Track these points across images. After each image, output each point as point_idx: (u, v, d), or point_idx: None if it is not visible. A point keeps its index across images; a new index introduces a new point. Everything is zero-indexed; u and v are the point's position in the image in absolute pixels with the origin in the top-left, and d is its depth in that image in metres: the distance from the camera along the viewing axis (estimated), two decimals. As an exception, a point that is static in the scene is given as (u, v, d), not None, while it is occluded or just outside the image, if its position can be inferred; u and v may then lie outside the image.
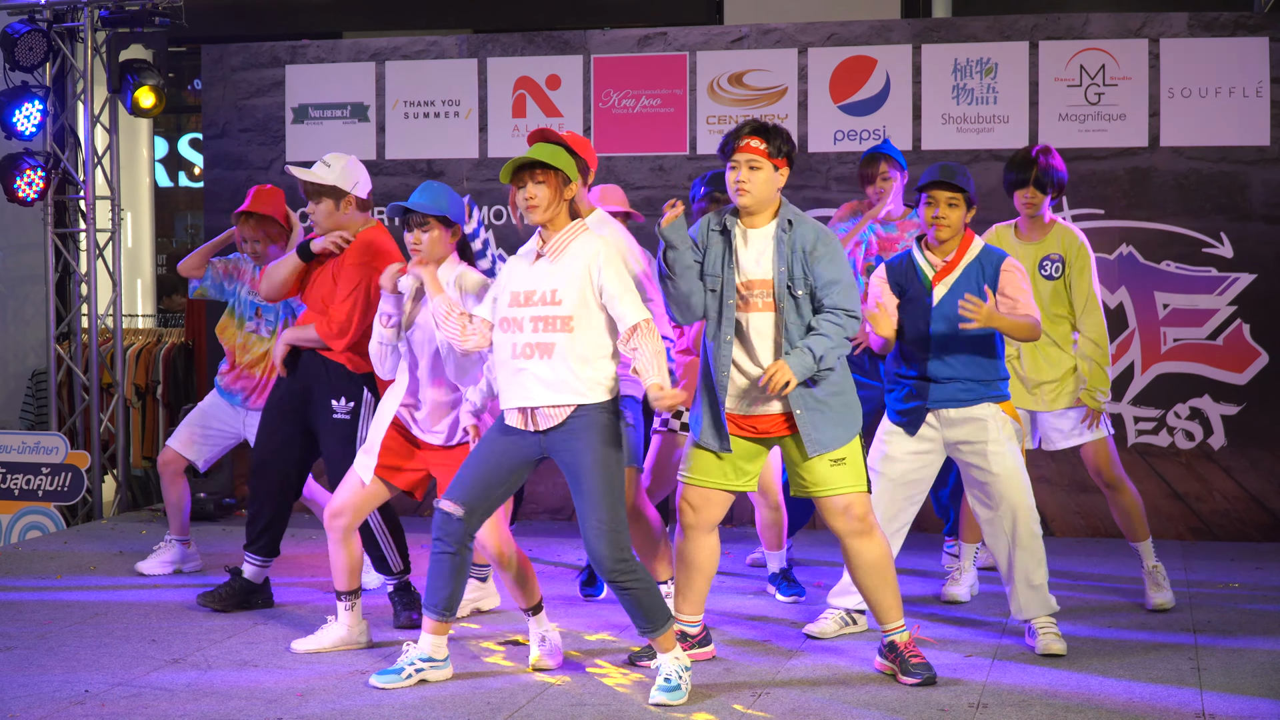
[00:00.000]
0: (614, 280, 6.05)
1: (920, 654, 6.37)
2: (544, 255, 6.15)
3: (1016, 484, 6.76)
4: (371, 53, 10.38)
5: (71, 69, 11.13)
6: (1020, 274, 6.79)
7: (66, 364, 11.15)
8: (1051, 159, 7.54)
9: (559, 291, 6.06)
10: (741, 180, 6.35)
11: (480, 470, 6.21)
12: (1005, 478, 6.74)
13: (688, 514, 6.54)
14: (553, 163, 6.06)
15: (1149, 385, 9.40)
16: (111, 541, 9.61)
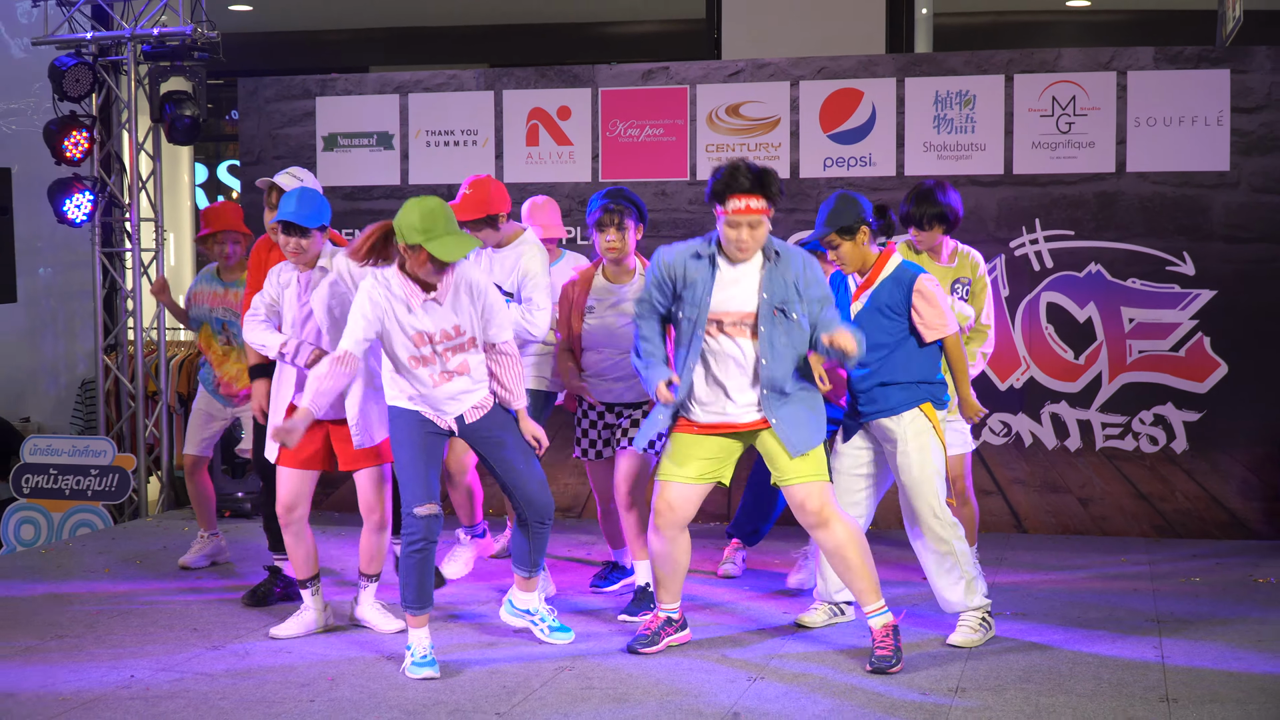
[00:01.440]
0: (493, 304, 6.52)
1: (888, 643, 6.34)
2: (435, 299, 6.39)
3: (919, 490, 6.65)
4: (396, 85, 10.40)
5: (116, 99, 11.18)
6: (927, 297, 6.66)
7: (114, 373, 11.17)
8: (948, 196, 7.55)
9: (460, 325, 6.43)
10: (744, 240, 6.36)
11: (426, 466, 6.42)
12: (909, 485, 6.68)
13: (665, 514, 6.55)
14: (456, 259, 6.30)
15: (1116, 394, 9.40)
16: (155, 538, 9.63)
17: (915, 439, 6.66)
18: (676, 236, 9.66)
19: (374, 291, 6.34)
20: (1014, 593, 7.73)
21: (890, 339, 6.69)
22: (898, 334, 6.70)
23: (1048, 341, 9.46)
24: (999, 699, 5.96)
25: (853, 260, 6.76)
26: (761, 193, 6.32)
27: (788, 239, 9.53)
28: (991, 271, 9.47)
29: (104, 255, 11.12)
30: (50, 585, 8.16)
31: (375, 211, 10.32)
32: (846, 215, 6.71)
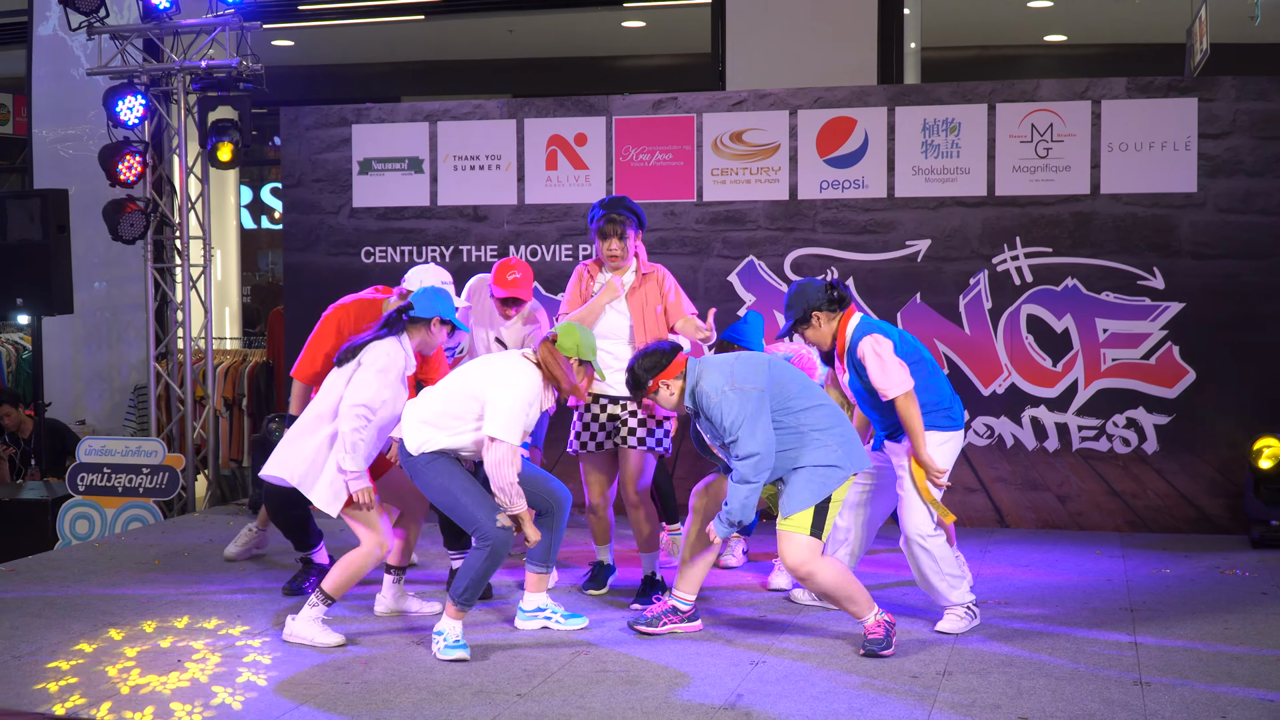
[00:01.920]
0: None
1: (879, 630, 6.31)
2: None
3: (908, 504, 6.68)
4: (426, 114, 10.38)
5: (167, 126, 11.19)
6: (867, 361, 6.62)
7: (165, 380, 11.18)
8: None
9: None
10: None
11: (481, 490, 6.44)
12: (903, 498, 6.72)
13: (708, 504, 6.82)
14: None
15: (1091, 398, 9.35)
16: (202, 531, 9.61)
17: (911, 460, 6.68)
18: (685, 253, 9.69)
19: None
20: (997, 583, 7.69)
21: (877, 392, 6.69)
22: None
23: (1028, 350, 9.42)
24: (983, 681, 5.92)
25: (820, 341, 6.80)
26: (635, 391, 6.52)
27: (787, 256, 9.55)
28: (975, 285, 9.44)
29: (155, 270, 11.13)
30: (103, 576, 8.14)
31: (407, 230, 10.31)
32: (797, 308, 6.76)
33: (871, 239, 9.65)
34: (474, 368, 6.57)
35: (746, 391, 6.28)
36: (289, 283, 10.73)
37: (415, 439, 6.44)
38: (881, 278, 9.62)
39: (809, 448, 6.33)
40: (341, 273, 10.42)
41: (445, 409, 6.43)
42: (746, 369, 6.37)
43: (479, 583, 6.38)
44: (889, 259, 9.62)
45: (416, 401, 6.52)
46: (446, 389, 6.50)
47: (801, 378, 6.47)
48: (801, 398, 6.37)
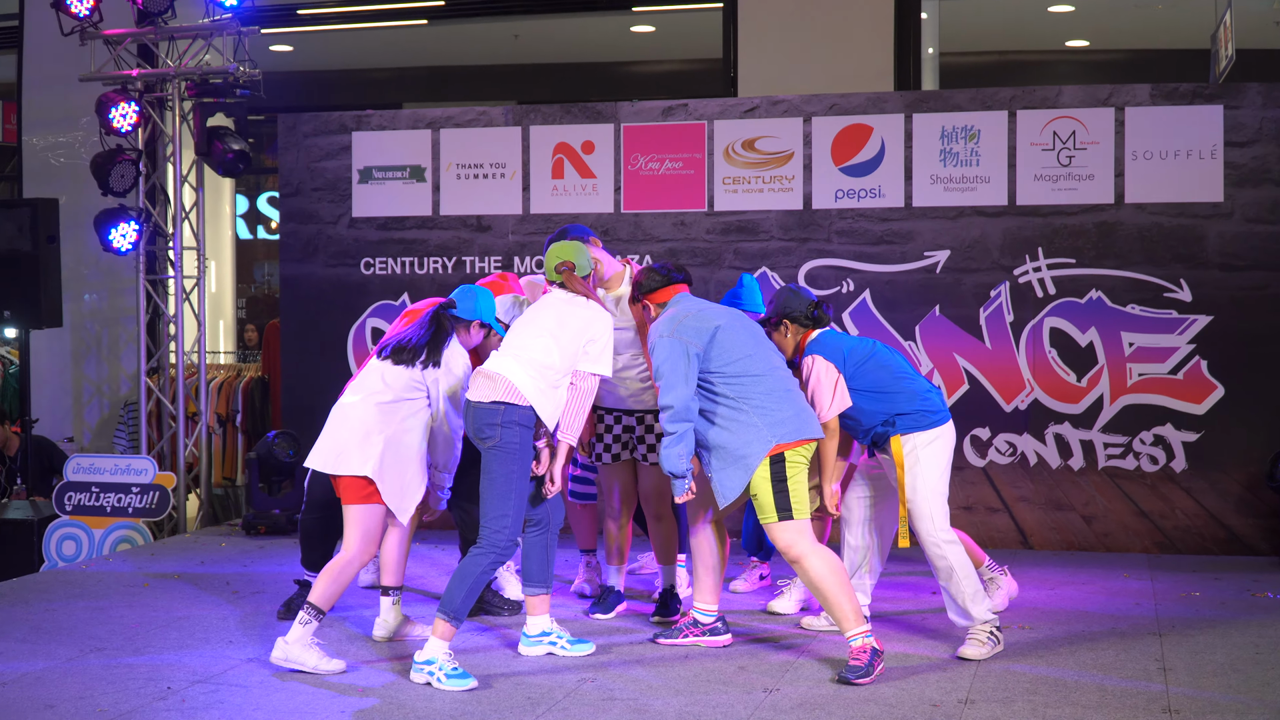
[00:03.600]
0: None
1: (863, 657, 6.23)
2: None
3: (911, 511, 6.73)
4: (428, 121, 10.34)
5: (161, 134, 11.15)
6: (809, 379, 6.78)
7: (156, 395, 11.13)
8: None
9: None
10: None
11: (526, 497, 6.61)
12: (906, 505, 6.77)
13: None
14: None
15: (1117, 415, 9.28)
16: (194, 553, 9.54)
17: (903, 466, 6.71)
18: (695, 264, 9.63)
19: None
20: (1021, 607, 7.61)
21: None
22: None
23: (1051, 365, 9.35)
24: (1007, 710, 5.83)
25: (783, 348, 6.93)
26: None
27: (801, 267, 9.50)
28: (996, 298, 9.38)
29: (148, 282, 11.08)
30: (91, 599, 8.06)
31: (408, 240, 10.26)
32: (773, 309, 6.97)
33: (888, 250, 9.59)
34: (549, 322, 6.64)
35: (679, 343, 6.48)
36: (286, 295, 10.68)
37: (548, 406, 6.49)
38: (899, 290, 9.56)
39: (728, 421, 6.46)
40: (340, 284, 10.37)
41: (558, 365, 6.54)
42: (695, 324, 6.56)
43: (476, 591, 6.32)
44: (907, 270, 9.56)
45: (524, 367, 6.48)
46: (550, 343, 6.56)
47: (753, 348, 6.57)
48: (739, 365, 6.49)
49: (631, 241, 9.86)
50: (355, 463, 6.54)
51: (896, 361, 6.87)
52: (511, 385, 6.40)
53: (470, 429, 6.47)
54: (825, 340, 6.85)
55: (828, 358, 6.76)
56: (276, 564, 9.01)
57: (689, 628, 6.86)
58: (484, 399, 6.40)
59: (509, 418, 6.37)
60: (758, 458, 6.39)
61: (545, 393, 6.47)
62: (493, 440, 6.37)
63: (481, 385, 6.45)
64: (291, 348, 10.61)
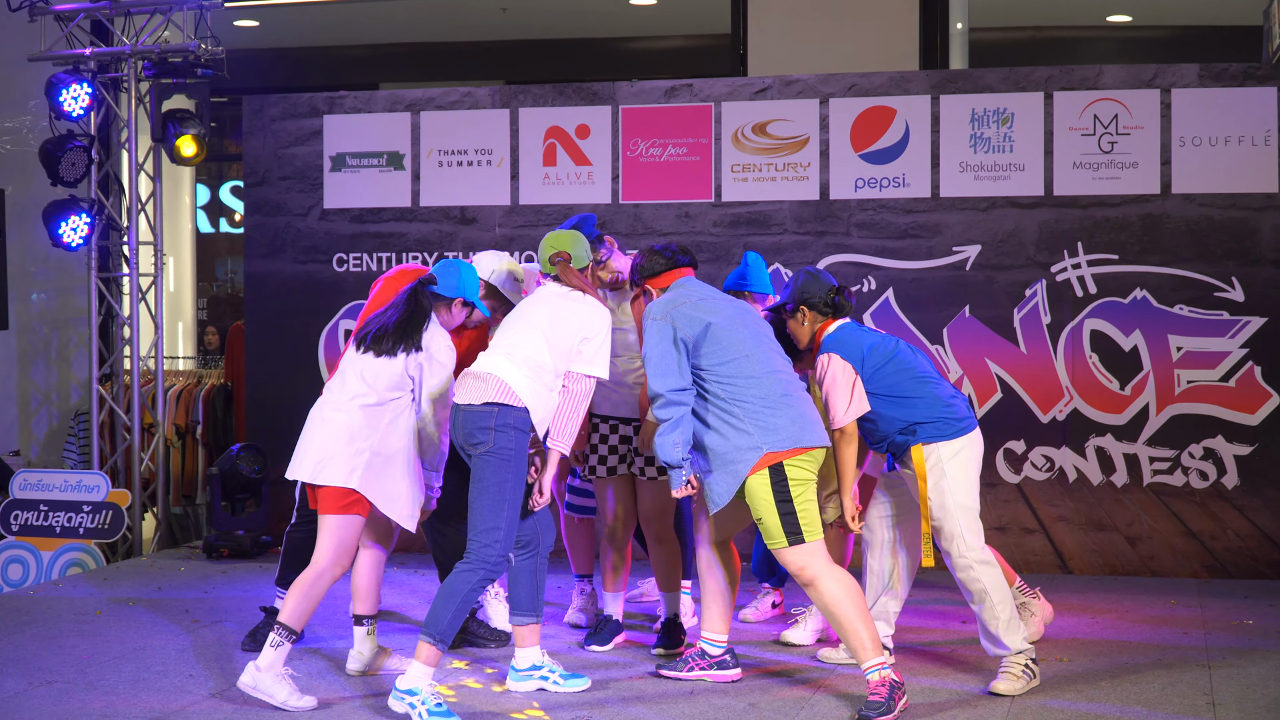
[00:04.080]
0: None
1: (882, 691, 6.22)
2: None
3: (939, 526, 6.75)
4: (407, 103, 10.36)
5: (116, 118, 11.15)
6: (822, 381, 6.81)
7: (109, 404, 11.13)
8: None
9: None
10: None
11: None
12: (933, 521, 6.81)
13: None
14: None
15: (1163, 426, 9.31)
16: (150, 578, 9.56)
17: (925, 479, 6.70)
18: (701, 260, 9.63)
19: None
20: (1058, 637, 7.63)
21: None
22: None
23: (1092, 371, 9.37)
24: (1044, 751, 5.85)
25: (799, 337, 6.98)
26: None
27: (818, 263, 9.51)
28: (1032, 297, 9.40)
29: (100, 280, 11.08)
30: (39, 628, 8.07)
31: (384, 235, 10.28)
32: (790, 295, 6.98)
33: (913, 244, 9.61)
34: (540, 319, 6.66)
35: (669, 328, 6.51)
36: (251, 294, 10.70)
37: (542, 409, 6.52)
38: (925, 288, 9.58)
39: (719, 424, 6.46)
40: (310, 282, 10.39)
41: (551, 365, 6.57)
42: (690, 312, 6.55)
43: (464, 611, 6.31)
44: (933, 267, 9.59)
45: (517, 366, 6.51)
46: (541, 342, 6.58)
47: (753, 347, 6.54)
48: (735, 365, 6.47)
49: (630, 235, 9.87)
50: (338, 472, 6.54)
51: (920, 363, 6.87)
52: (505, 385, 6.41)
53: (458, 435, 6.46)
54: (843, 336, 6.85)
55: (845, 356, 6.76)
56: (240, 589, 9.02)
57: (695, 659, 6.84)
58: (474, 401, 6.40)
59: (503, 420, 6.37)
60: (747, 465, 6.37)
61: (540, 395, 6.49)
62: (485, 445, 6.37)
63: (471, 387, 6.45)
64: (257, 352, 10.63)
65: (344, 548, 6.57)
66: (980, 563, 6.64)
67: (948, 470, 6.68)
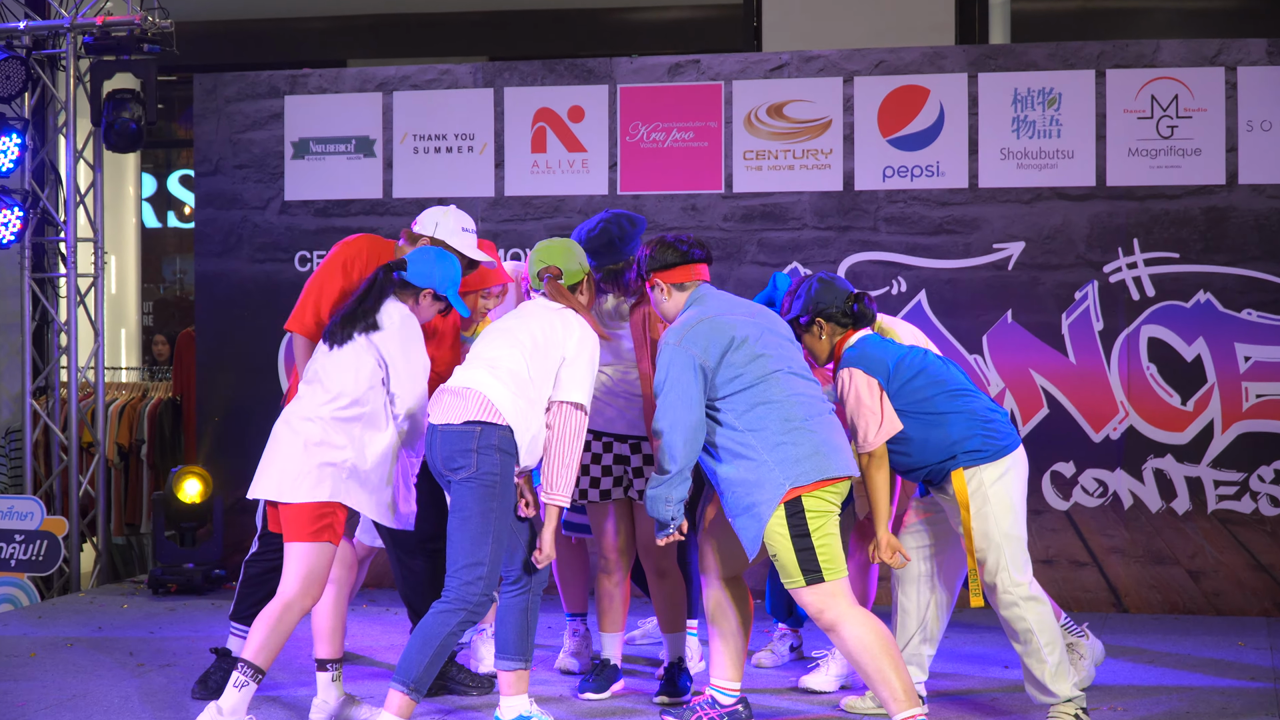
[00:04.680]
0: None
1: None
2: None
3: (981, 558, 6.74)
4: (378, 82, 10.38)
5: (52, 100, 11.16)
6: (844, 392, 6.78)
7: (44, 421, 11.13)
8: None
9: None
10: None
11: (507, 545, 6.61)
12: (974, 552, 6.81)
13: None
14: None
15: (1230, 446, 9.33)
16: (90, 616, 9.56)
17: (969, 507, 6.68)
18: (709, 259, 9.62)
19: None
20: (1112, 682, 7.63)
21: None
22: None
23: (1150, 384, 9.40)
24: (1097, 811, 5.85)
25: (816, 354, 6.97)
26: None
27: (841, 262, 9.53)
28: (1082, 301, 9.41)
29: (34, 281, 11.09)
30: (-34, 671, 8.09)
31: (354, 229, 10.25)
32: (802, 306, 6.94)
33: (949, 241, 9.64)
34: (523, 334, 6.64)
35: (684, 352, 6.47)
36: (202, 297, 10.72)
37: (528, 429, 6.50)
38: (961, 290, 9.61)
39: (736, 457, 6.43)
40: (269, 283, 10.42)
41: (536, 382, 6.55)
42: (705, 333, 6.52)
43: (440, 658, 6.30)
44: (971, 266, 9.61)
45: (500, 380, 6.49)
46: (526, 358, 6.56)
47: (779, 363, 6.51)
48: (757, 391, 6.43)
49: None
50: (304, 488, 6.54)
51: (953, 376, 6.85)
52: (487, 401, 6.39)
53: (436, 459, 6.45)
54: (866, 349, 6.82)
55: (869, 371, 6.73)
56: (189, 628, 9.02)
57: (704, 709, 6.78)
58: (453, 420, 6.39)
59: (486, 441, 6.35)
60: (769, 505, 6.32)
61: (525, 413, 6.46)
62: (467, 470, 6.35)
63: (448, 405, 6.44)
64: (209, 362, 10.65)
65: (314, 576, 6.55)
66: (1027, 599, 6.63)
67: (991, 495, 6.66)
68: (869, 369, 6.73)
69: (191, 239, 11.25)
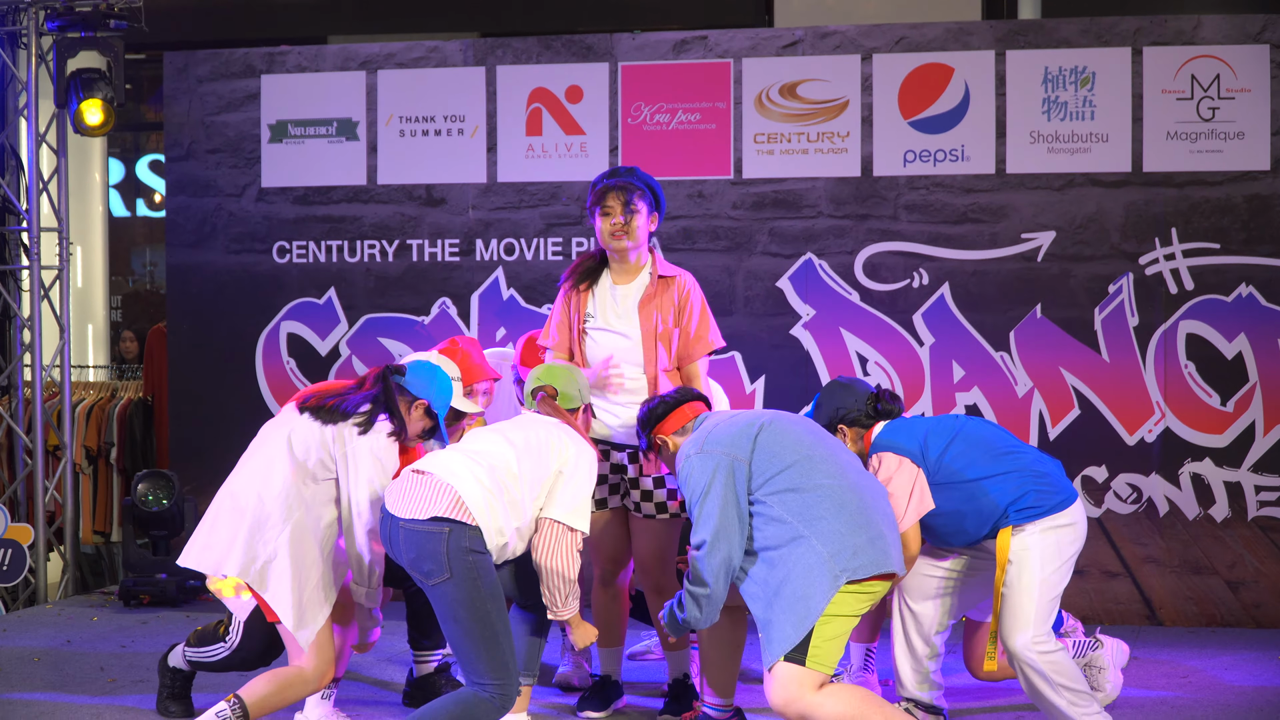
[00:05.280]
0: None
1: None
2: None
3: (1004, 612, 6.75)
4: (361, 60, 10.44)
5: (13, 80, 11.22)
6: (878, 474, 6.80)
7: (6, 423, 11.20)
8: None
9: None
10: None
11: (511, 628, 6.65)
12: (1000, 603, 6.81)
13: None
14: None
15: (1272, 449, 9.37)
16: (58, 629, 9.64)
17: (1005, 566, 6.68)
18: (717, 250, 9.72)
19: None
20: (1144, 698, 7.70)
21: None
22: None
23: (1188, 383, 9.48)
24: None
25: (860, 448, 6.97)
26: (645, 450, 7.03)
27: (859, 254, 9.57)
28: (1117, 295, 9.48)
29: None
30: (-75, 688, 8.18)
31: (335, 218, 10.35)
32: (824, 413, 6.98)
33: (974, 231, 9.72)
34: (516, 435, 6.66)
35: (713, 456, 6.38)
36: (174, 290, 10.78)
37: (497, 537, 6.46)
38: (988, 283, 9.69)
39: (779, 550, 6.29)
40: (246, 276, 10.48)
41: (519, 485, 6.52)
42: (729, 430, 6.47)
43: None
44: (998, 258, 9.69)
45: (473, 472, 6.46)
46: (511, 456, 6.53)
47: (812, 448, 6.44)
48: (794, 473, 6.34)
49: (633, 220, 9.94)
50: (233, 560, 6.66)
51: (995, 434, 6.89)
52: (457, 497, 6.34)
53: (399, 553, 6.42)
54: (893, 430, 6.85)
55: (900, 451, 6.75)
56: (162, 641, 9.06)
57: (703, 727, 6.92)
58: (418, 516, 6.34)
59: (457, 544, 6.30)
60: (823, 598, 6.17)
61: (498, 516, 6.42)
62: (441, 576, 6.30)
63: (412, 493, 6.42)
64: (182, 360, 10.71)
65: (319, 649, 6.71)
66: (1043, 655, 6.58)
67: (1033, 544, 6.63)
68: (901, 448, 6.76)
69: (162, 228, 11.33)
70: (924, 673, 7.07)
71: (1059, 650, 6.64)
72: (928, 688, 7.06)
